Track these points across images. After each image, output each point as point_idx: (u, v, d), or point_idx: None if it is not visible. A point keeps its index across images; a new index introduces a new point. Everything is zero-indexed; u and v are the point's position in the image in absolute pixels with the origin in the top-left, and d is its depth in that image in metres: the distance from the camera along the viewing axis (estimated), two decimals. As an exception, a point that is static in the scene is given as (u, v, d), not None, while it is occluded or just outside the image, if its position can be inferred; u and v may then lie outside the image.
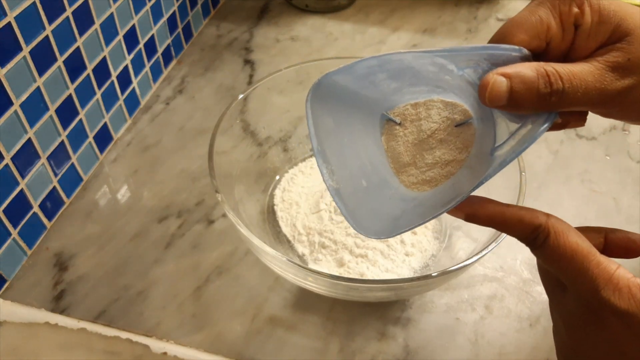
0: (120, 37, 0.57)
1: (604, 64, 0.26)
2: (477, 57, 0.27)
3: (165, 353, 0.44)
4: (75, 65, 0.51)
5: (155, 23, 0.64)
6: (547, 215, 0.27)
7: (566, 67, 0.26)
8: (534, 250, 0.28)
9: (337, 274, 0.45)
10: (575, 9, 0.27)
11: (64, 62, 0.49)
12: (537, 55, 0.27)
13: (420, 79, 0.31)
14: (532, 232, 0.27)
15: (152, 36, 0.64)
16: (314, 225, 0.49)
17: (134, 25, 0.59)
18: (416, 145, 0.33)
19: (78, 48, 0.51)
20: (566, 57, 0.28)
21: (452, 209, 0.29)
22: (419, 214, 0.31)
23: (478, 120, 0.31)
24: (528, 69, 0.25)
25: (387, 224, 0.32)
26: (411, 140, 0.34)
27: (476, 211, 0.28)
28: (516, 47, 0.27)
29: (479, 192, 0.28)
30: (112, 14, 0.55)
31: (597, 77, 0.26)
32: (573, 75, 0.25)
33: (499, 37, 0.28)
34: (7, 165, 0.45)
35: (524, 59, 0.27)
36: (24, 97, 0.45)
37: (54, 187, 0.52)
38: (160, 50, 0.67)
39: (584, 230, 0.28)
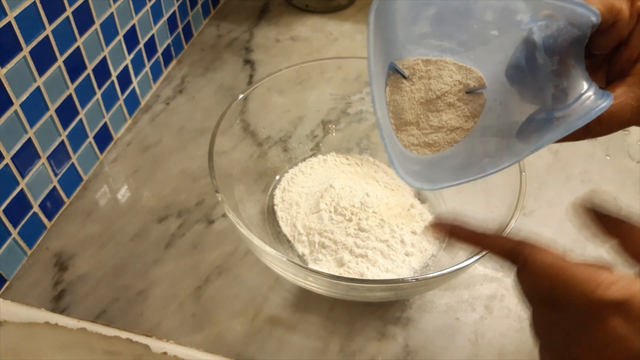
0: (120, 37, 0.57)
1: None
2: (559, 10, 0.27)
3: (165, 353, 0.44)
4: (75, 65, 0.51)
5: (155, 23, 0.64)
6: (519, 240, 0.29)
7: (608, 109, 0.27)
8: (519, 274, 0.28)
9: (337, 274, 0.45)
10: None
11: (64, 62, 0.49)
12: (601, 30, 0.28)
13: (461, 28, 0.30)
14: (509, 254, 0.28)
15: (152, 36, 0.64)
16: (314, 225, 0.49)
17: (134, 25, 0.59)
18: (422, 104, 0.32)
19: (78, 48, 0.51)
20: (622, 43, 0.28)
21: (435, 223, 0.30)
22: (445, 172, 0.30)
23: (499, 89, 0.31)
24: None
25: (417, 176, 0.30)
26: (417, 98, 0.32)
27: (458, 230, 0.30)
28: (598, 12, 0.26)
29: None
30: (112, 14, 0.55)
31: (636, 108, 0.27)
32: (612, 116, 0.27)
33: None
34: (7, 165, 0.45)
35: (594, 27, 0.27)
36: (24, 97, 0.45)
37: (54, 187, 0.52)
38: (160, 50, 0.67)
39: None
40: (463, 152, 0.31)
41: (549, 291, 0.27)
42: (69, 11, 0.48)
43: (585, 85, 0.27)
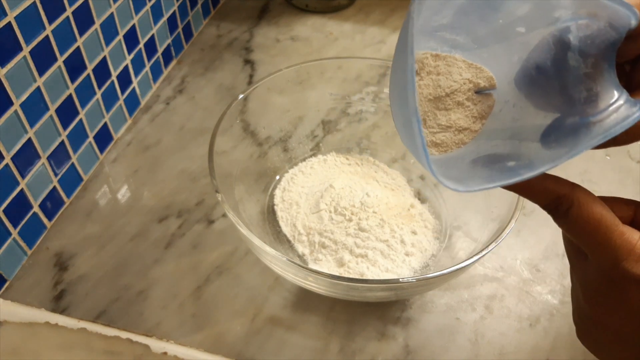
0: (120, 37, 0.57)
1: None
2: (603, 10, 0.26)
3: (165, 353, 0.44)
4: (75, 65, 0.51)
5: (155, 23, 0.64)
6: (573, 185, 0.27)
7: None
8: (556, 219, 0.27)
9: (337, 274, 0.45)
10: None
11: (64, 62, 0.49)
12: (632, 35, 0.27)
13: (484, 21, 0.29)
14: (555, 200, 0.27)
15: (152, 36, 0.64)
16: (314, 225, 0.49)
17: (134, 25, 0.59)
18: (430, 101, 0.30)
19: (78, 48, 0.51)
20: None
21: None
22: (467, 175, 0.29)
23: (511, 91, 0.29)
24: None
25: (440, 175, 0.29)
26: (425, 95, 0.30)
27: None
28: (638, 14, 0.25)
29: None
30: (112, 14, 0.55)
31: None
32: (637, 125, 0.25)
33: None
34: (7, 165, 0.45)
35: (629, 32, 0.26)
36: (24, 97, 0.45)
37: (54, 187, 0.52)
38: (160, 50, 0.67)
39: (614, 201, 0.28)
40: (473, 154, 0.30)
41: (581, 243, 0.27)
42: (69, 11, 0.48)
43: (617, 92, 0.26)
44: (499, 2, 0.28)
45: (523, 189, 0.28)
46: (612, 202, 0.28)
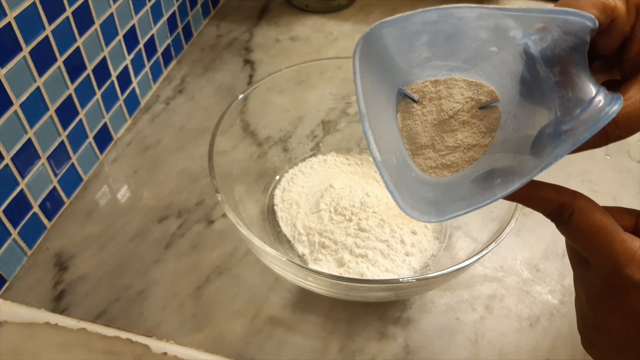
0: (120, 37, 0.57)
1: None
2: (550, 22, 0.26)
3: (165, 353, 0.44)
4: (75, 65, 0.51)
5: (155, 23, 0.64)
6: (574, 193, 0.27)
7: (623, 110, 0.26)
8: (558, 226, 0.28)
9: (337, 274, 0.45)
10: None
11: (64, 62, 0.49)
12: (601, 31, 0.27)
13: (460, 48, 0.30)
14: (557, 209, 0.27)
15: (152, 36, 0.64)
16: (314, 225, 0.49)
17: (134, 25, 0.59)
18: (435, 126, 0.31)
19: (78, 48, 0.51)
20: (628, 39, 0.27)
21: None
22: (458, 198, 0.29)
23: (511, 102, 0.30)
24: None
25: (427, 207, 0.30)
26: (430, 120, 0.31)
27: None
28: (592, 16, 0.26)
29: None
30: (112, 14, 0.55)
31: None
32: (629, 117, 0.26)
33: (566, 6, 0.27)
34: (7, 165, 0.45)
35: (593, 31, 0.26)
36: (24, 97, 0.45)
37: (54, 187, 0.52)
38: (160, 50, 0.67)
39: (616, 210, 0.28)
40: (483, 169, 0.30)
41: (583, 250, 0.27)
42: (68, 11, 0.48)
43: (591, 93, 0.26)
44: (459, 33, 0.29)
45: (524, 199, 0.28)
46: (614, 212, 0.28)
